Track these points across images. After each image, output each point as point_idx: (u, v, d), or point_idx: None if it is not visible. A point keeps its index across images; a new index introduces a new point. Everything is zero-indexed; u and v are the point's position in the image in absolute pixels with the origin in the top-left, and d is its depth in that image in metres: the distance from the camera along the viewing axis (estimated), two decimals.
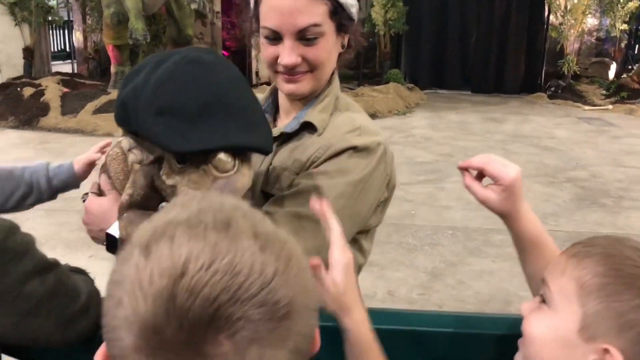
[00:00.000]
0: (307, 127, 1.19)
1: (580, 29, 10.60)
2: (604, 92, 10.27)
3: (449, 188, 5.30)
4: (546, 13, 10.50)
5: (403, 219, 4.57)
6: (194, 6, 7.93)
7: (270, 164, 1.19)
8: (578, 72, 10.72)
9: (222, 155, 0.84)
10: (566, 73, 10.28)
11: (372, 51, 10.66)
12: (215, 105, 0.85)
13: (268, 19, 1.12)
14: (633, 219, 4.71)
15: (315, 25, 1.11)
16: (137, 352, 0.46)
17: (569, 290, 0.78)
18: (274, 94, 1.31)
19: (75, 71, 10.20)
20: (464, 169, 1.05)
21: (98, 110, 7.48)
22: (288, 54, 1.12)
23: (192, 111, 0.84)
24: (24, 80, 8.65)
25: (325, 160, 1.13)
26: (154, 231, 0.50)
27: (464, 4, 10.71)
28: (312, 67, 1.16)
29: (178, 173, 0.89)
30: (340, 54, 1.22)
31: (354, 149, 1.13)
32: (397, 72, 10.25)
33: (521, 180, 1.00)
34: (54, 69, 10.09)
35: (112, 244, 1.02)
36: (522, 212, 1.01)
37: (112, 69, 8.62)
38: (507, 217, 1.03)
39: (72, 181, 1.34)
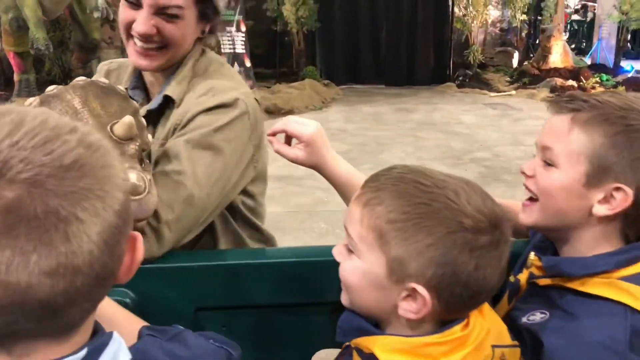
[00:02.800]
0: (169, 101, 1.20)
1: (483, 20, 11.11)
2: (508, 79, 10.81)
3: None
4: (450, 5, 10.93)
5: (316, 207, 4.66)
6: (97, 14, 7.70)
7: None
8: (484, 62, 11.24)
9: (134, 180, 0.86)
10: (472, 62, 10.75)
11: (289, 49, 10.75)
12: None
13: None
14: None
15: (178, 6, 1.12)
16: None
17: (370, 239, 0.79)
18: (139, 69, 1.28)
19: None
20: (272, 136, 1.14)
21: None
22: (144, 22, 1.12)
23: None
24: None
25: (184, 126, 1.14)
26: None
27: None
28: (165, 43, 1.15)
29: None
30: (201, 38, 1.23)
31: (208, 110, 1.13)
32: (312, 69, 10.38)
33: (323, 134, 1.10)
34: None
35: None
36: (329, 161, 1.11)
37: (16, 77, 8.24)
38: (319, 168, 1.12)
39: None
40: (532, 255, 0.97)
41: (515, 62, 11.54)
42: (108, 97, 0.97)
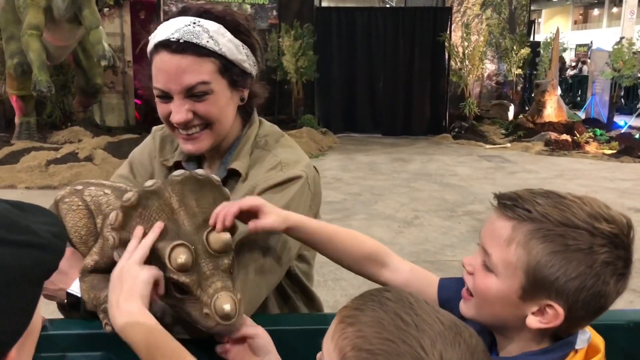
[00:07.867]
0: (234, 174, 1.22)
1: (479, 74, 11.35)
2: (504, 131, 10.97)
3: (354, 225, 5.48)
4: (447, 59, 11.17)
5: None
6: (104, 63, 7.79)
7: None
8: (479, 114, 11.43)
9: (228, 310, 0.91)
10: (468, 115, 10.92)
11: (288, 98, 10.93)
12: None
13: (157, 79, 1.16)
14: None
15: (203, 82, 1.14)
16: None
17: (334, 358, 0.75)
18: None
19: None
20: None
21: (0, 162, 7.23)
22: (177, 111, 1.15)
23: None
24: None
25: None
26: None
27: (370, 51, 11.23)
28: (205, 122, 1.18)
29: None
30: (250, 101, 1.26)
31: (277, 185, 1.16)
32: (310, 117, 10.55)
33: (263, 202, 1.05)
34: None
35: (73, 303, 1.03)
36: (292, 221, 1.07)
37: (17, 120, 8.37)
38: (289, 231, 1.08)
39: None
40: None
41: (510, 115, 11.74)
42: (203, 190, 1.00)
